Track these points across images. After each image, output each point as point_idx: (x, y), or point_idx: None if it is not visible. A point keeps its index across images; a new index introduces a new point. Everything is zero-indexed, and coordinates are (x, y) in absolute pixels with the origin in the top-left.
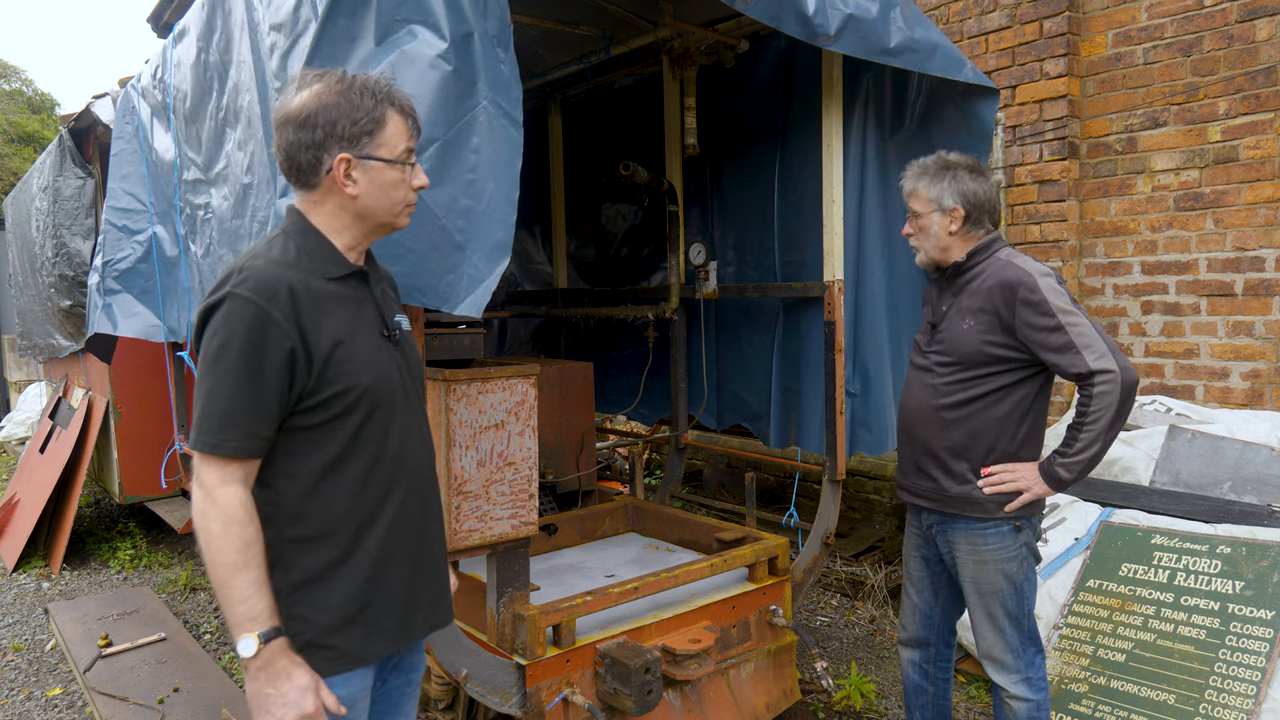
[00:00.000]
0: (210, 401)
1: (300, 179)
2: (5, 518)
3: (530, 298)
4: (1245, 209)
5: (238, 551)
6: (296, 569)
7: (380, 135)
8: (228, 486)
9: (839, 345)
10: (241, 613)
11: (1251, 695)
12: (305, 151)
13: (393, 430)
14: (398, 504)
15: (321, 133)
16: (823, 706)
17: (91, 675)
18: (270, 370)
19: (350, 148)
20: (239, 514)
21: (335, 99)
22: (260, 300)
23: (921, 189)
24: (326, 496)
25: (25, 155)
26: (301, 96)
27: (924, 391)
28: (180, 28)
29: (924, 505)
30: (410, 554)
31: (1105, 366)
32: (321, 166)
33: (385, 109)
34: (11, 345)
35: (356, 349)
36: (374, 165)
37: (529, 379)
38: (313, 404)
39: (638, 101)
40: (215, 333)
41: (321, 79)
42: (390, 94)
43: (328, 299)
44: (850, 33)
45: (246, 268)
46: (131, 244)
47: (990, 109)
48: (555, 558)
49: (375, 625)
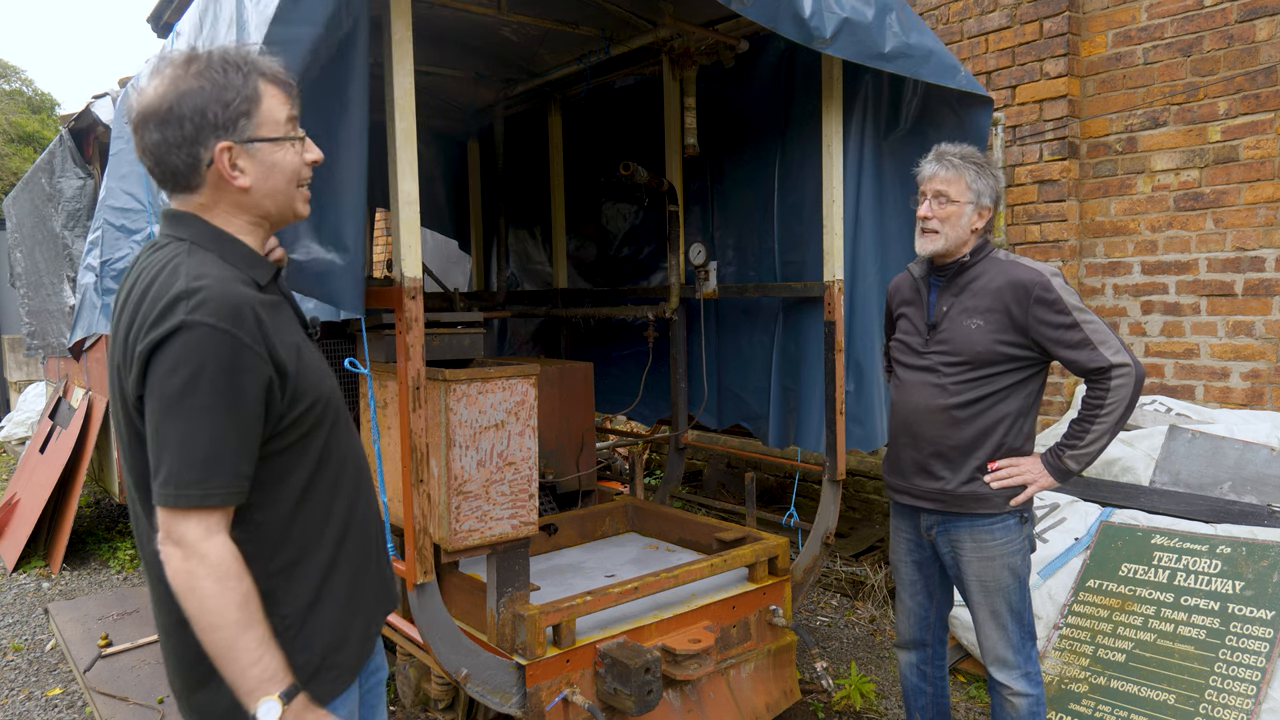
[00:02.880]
0: (186, 448)
1: (178, 182)
2: (5, 518)
3: (530, 298)
4: (1245, 209)
5: (238, 608)
6: (287, 600)
7: (258, 113)
8: (215, 538)
9: (839, 345)
10: (256, 675)
11: (1251, 695)
12: (176, 151)
13: (346, 433)
14: (361, 506)
15: (190, 125)
16: (823, 706)
17: (91, 675)
18: (249, 403)
19: (228, 134)
20: (233, 566)
21: (196, 82)
22: (227, 325)
23: (968, 178)
24: (305, 518)
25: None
26: (156, 87)
27: (929, 392)
28: (178, 28)
29: (927, 507)
30: (372, 550)
31: (1123, 360)
32: (200, 164)
33: (256, 81)
34: (11, 345)
35: (310, 357)
36: (260, 148)
37: (529, 379)
38: (288, 423)
39: (638, 101)
40: (176, 368)
41: (174, 62)
42: (255, 63)
43: (272, 310)
44: (846, 36)
45: (197, 290)
46: (130, 243)
47: (985, 115)
48: (555, 558)
49: (364, 632)
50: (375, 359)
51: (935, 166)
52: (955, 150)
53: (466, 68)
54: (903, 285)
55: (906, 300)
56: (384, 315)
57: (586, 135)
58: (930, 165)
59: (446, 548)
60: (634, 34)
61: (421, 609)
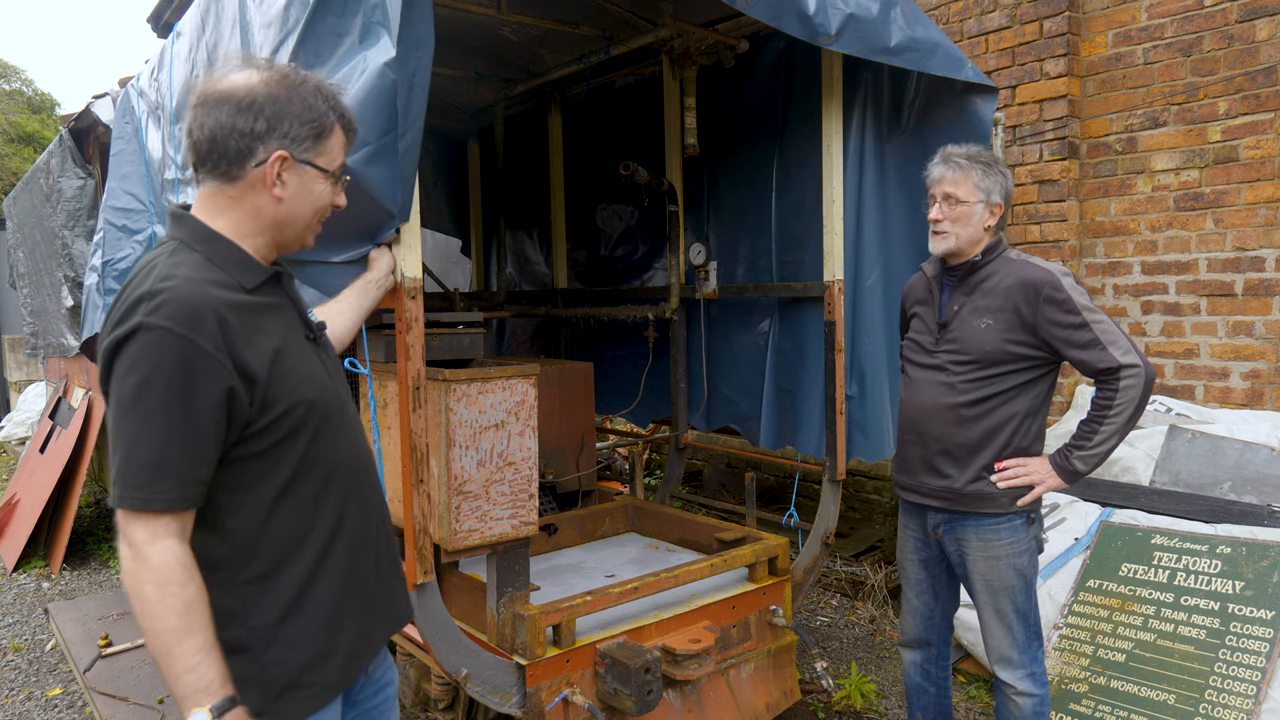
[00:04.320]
0: (135, 450)
1: (220, 168)
2: (5, 518)
3: (530, 298)
4: (1245, 209)
5: (179, 615)
6: (259, 611)
7: (324, 143)
8: (160, 542)
9: (839, 345)
10: (189, 684)
11: (1251, 695)
12: (239, 138)
13: (339, 440)
14: (354, 516)
15: (264, 123)
16: (823, 706)
17: (91, 675)
18: (204, 409)
19: (291, 146)
20: (176, 573)
21: (287, 93)
22: (183, 329)
23: (975, 177)
24: (282, 526)
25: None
26: (247, 78)
27: (938, 390)
28: (179, 27)
29: (933, 505)
30: (370, 562)
31: (1133, 361)
32: (252, 158)
33: (334, 118)
34: (11, 345)
35: (294, 362)
36: (309, 172)
37: (529, 379)
38: (259, 428)
39: (638, 101)
40: (130, 370)
41: (269, 67)
42: (339, 104)
43: (253, 313)
44: (851, 32)
45: (159, 291)
46: (131, 243)
47: (989, 109)
48: (555, 558)
49: (351, 648)
50: (375, 359)
51: (942, 168)
52: (961, 150)
53: (466, 68)
54: (916, 285)
55: (920, 300)
56: (384, 315)
57: (586, 135)
58: (937, 167)
59: (446, 548)
60: (634, 34)
61: (421, 609)
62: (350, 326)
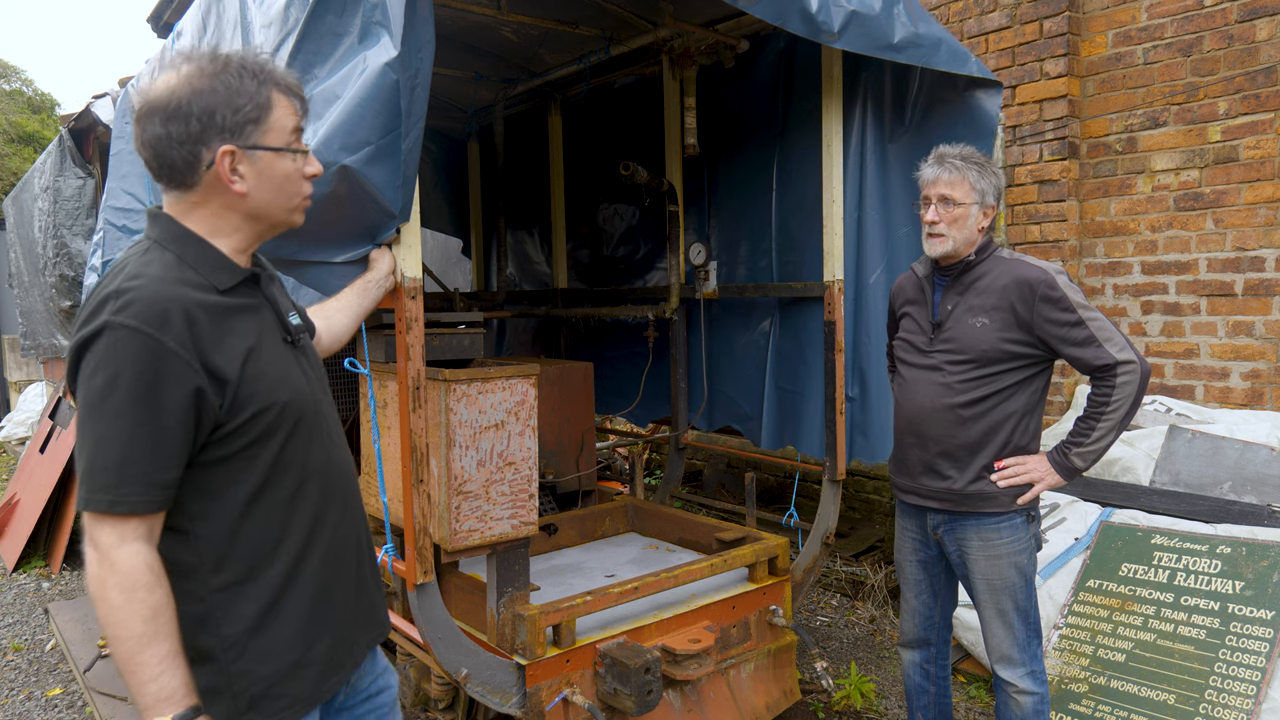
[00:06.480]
0: (100, 451)
1: (173, 178)
2: (5, 518)
3: (530, 298)
4: (1245, 209)
5: (144, 621)
6: (229, 621)
7: (266, 121)
8: (127, 546)
9: (839, 345)
10: (152, 693)
11: (1251, 695)
12: (178, 147)
13: (315, 445)
14: (332, 523)
15: (197, 124)
16: (823, 706)
17: (92, 675)
18: (171, 409)
19: (234, 138)
20: (143, 577)
21: (210, 83)
22: (150, 329)
23: (970, 179)
24: (254, 532)
25: (25, 155)
26: (168, 81)
27: (934, 390)
28: (179, 27)
29: (933, 506)
30: (350, 572)
31: (1128, 357)
32: (200, 163)
33: (269, 90)
34: (12, 345)
35: (267, 364)
36: (262, 156)
37: (529, 379)
38: (228, 431)
39: (638, 101)
40: (97, 370)
41: (190, 60)
42: (271, 73)
43: (225, 314)
44: (854, 29)
45: (126, 290)
46: (130, 243)
47: (994, 104)
48: (555, 558)
49: (328, 660)
50: (375, 359)
51: (937, 170)
52: (955, 151)
53: (466, 68)
54: (906, 285)
55: (910, 299)
56: (384, 315)
57: (586, 135)
58: (932, 169)
59: (446, 548)
60: (634, 34)
61: (421, 609)
62: (349, 326)
